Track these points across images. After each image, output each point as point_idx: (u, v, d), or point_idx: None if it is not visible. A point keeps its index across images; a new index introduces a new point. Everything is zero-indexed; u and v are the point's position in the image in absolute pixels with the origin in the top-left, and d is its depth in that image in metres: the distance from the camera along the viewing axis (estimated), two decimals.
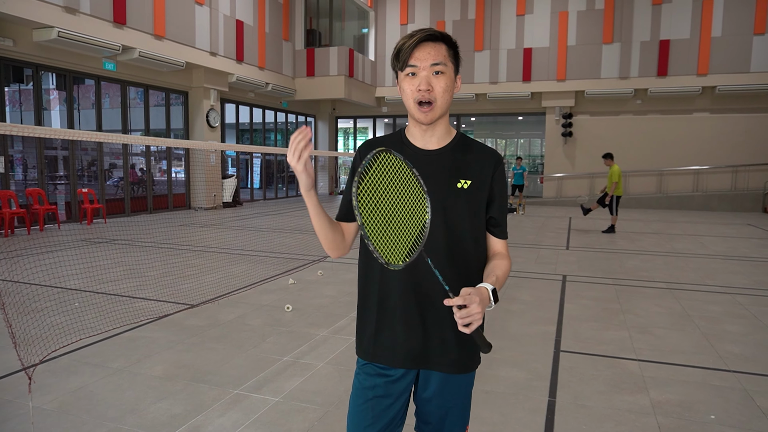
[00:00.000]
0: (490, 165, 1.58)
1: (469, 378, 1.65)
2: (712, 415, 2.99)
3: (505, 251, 1.64)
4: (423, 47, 1.47)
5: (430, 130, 1.57)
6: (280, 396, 3.16)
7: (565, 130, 17.70)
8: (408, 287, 1.54)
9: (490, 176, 1.57)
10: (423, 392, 1.64)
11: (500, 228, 1.63)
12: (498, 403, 3.12)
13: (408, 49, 1.47)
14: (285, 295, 5.52)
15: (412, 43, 1.46)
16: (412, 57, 1.47)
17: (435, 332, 1.55)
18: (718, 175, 16.63)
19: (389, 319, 1.57)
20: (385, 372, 1.59)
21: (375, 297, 1.59)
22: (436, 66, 1.47)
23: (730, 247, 9.10)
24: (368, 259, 1.61)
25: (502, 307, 5.12)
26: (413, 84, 1.48)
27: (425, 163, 1.55)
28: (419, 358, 1.56)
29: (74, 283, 5.79)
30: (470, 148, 1.60)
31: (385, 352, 1.57)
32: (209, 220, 12.33)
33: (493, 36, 18.11)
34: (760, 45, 15.65)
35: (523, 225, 12.10)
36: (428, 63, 1.46)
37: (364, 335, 1.63)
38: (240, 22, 15.12)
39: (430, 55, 1.46)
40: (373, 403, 1.58)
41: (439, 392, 1.61)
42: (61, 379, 3.36)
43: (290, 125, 20.09)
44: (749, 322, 4.78)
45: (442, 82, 1.48)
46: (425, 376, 1.62)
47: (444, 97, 1.49)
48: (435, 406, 1.63)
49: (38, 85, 10.77)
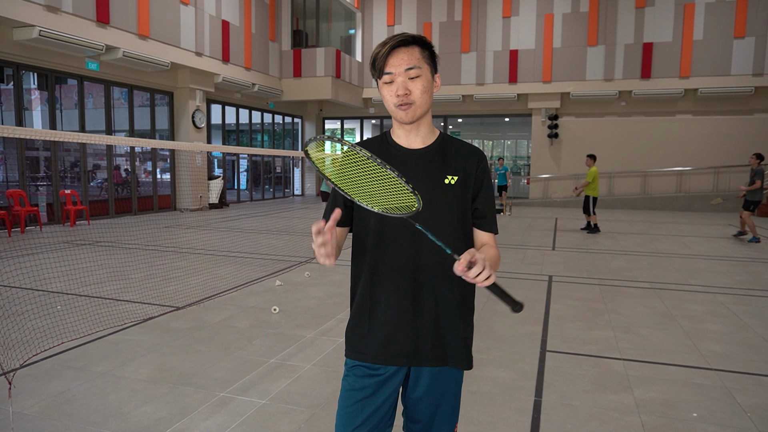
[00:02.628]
0: (473, 161, 1.61)
1: (459, 376, 1.67)
2: (694, 413, 3.04)
3: (494, 243, 1.64)
4: (396, 54, 1.50)
5: (414, 130, 1.59)
6: (266, 398, 3.14)
7: (551, 131, 17.86)
8: (400, 284, 1.56)
9: (474, 171, 1.60)
10: (413, 391, 1.65)
11: (486, 220, 1.63)
12: (485, 403, 3.13)
13: (382, 57, 1.51)
14: (272, 296, 5.49)
15: (385, 51, 1.50)
16: (387, 64, 1.51)
17: (427, 328, 1.57)
18: (700, 176, 16.89)
19: (381, 317, 1.58)
20: (376, 372, 1.59)
21: (368, 296, 1.60)
22: (411, 71, 1.50)
23: (712, 247, 9.24)
24: (360, 259, 1.63)
25: (489, 308, 5.14)
26: (391, 90, 1.52)
27: (412, 161, 1.58)
28: (411, 354, 1.57)
29: (56, 285, 5.70)
30: (454, 146, 1.63)
31: (377, 350, 1.58)
32: (195, 222, 12.22)
33: (479, 38, 18.21)
34: (740, 48, 15.94)
35: (510, 226, 12.18)
36: (402, 69, 1.50)
37: (355, 335, 1.63)
38: (226, 22, 15.02)
39: (404, 61, 1.50)
40: (363, 404, 1.58)
41: (430, 390, 1.62)
42: (43, 384, 3.30)
43: (277, 126, 20.01)
44: (731, 321, 4.86)
45: (419, 85, 1.51)
46: (415, 375, 1.63)
47: (423, 97, 1.52)
48: (425, 405, 1.64)
49: (19, 84, 10.59)
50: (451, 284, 1.57)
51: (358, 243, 1.64)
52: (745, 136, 16.37)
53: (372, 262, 1.59)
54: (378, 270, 1.58)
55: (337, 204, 1.61)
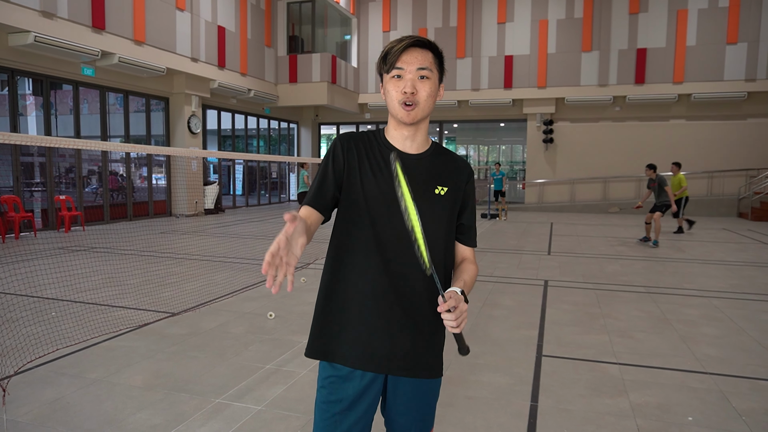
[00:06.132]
0: (463, 174, 1.62)
1: (437, 386, 1.63)
2: (689, 416, 3.04)
3: (473, 257, 1.67)
4: (411, 51, 1.49)
5: (411, 135, 1.57)
6: (262, 404, 3.13)
7: (546, 136, 17.93)
8: (382, 289, 1.51)
9: (464, 184, 1.61)
10: (392, 403, 1.60)
11: (469, 235, 1.65)
12: (481, 408, 3.13)
13: (396, 52, 1.49)
14: (268, 302, 5.48)
15: (401, 47, 1.49)
16: (400, 60, 1.49)
17: (406, 335, 1.53)
18: (694, 180, 16.97)
19: (357, 320, 1.52)
20: (350, 381, 1.53)
21: (343, 295, 1.54)
22: (422, 71, 1.49)
23: (706, 252, 9.29)
24: (339, 256, 1.56)
25: (485, 313, 5.15)
26: (398, 86, 1.50)
27: (406, 166, 1.53)
28: (388, 361, 1.52)
29: (51, 292, 5.67)
30: (446, 156, 1.63)
31: (352, 352, 1.51)
32: (191, 227, 12.19)
33: (474, 43, 18.30)
34: (732, 54, 16.08)
35: (506, 231, 12.20)
36: (414, 67, 1.49)
37: (324, 334, 1.55)
38: (222, 28, 15.04)
39: (417, 60, 1.49)
40: (340, 417, 1.53)
41: (409, 401, 1.59)
42: (37, 391, 3.28)
43: (273, 131, 20.01)
44: (725, 325, 4.88)
45: (426, 87, 1.50)
46: (393, 385, 1.59)
47: (427, 101, 1.51)
48: (403, 417, 1.60)
49: (14, 90, 10.57)
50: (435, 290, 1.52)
51: (342, 240, 1.56)
52: (739, 141, 16.50)
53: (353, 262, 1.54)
54: (359, 270, 1.52)
55: (324, 191, 1.53)
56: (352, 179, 1.55)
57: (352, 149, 1.57)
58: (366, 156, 1.56)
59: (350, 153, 1.56)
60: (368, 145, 1.58)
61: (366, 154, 1.57)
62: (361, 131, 1.66)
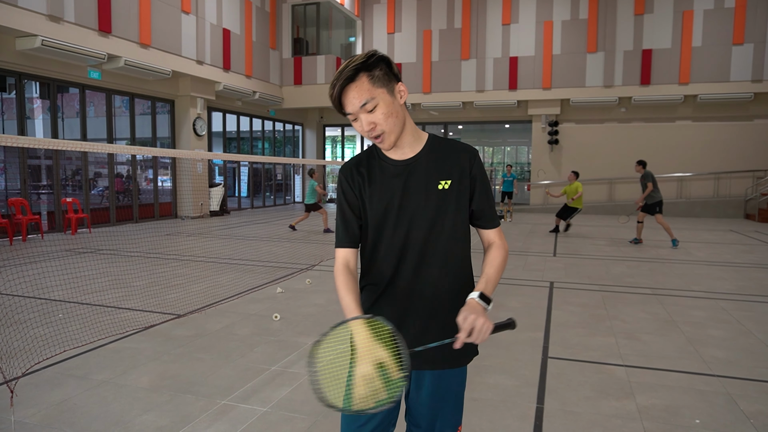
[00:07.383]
0: (466, 159, 1.62)
1: (461, 376, 1.67)
2: (697, 419, 3.03)
3: (499, 240, 1.66)
4: (346, 93, 1.50)
5: (400, 145, 1.62)
6: (268, 406, 3.14)
7: (552, 137, 17.89)
8: (403, 292, 1.61)
9: (469, 170, 1.61)
10: (415, 394, 1.65)
11: (487, 218, 1.65)
12: (486, 410, 3.12)
13: (336, 101, 1.52)
14: (273, 304, 5.49)
15: (336, 94, 1.51)
16: (343, 105, 1.52)
17: (428, 330, 1.60)
18: (700, 182, 16.89)
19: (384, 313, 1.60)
20: None
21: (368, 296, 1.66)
22: (365, 105, 1.49)
23: (713, 253, 9.23)
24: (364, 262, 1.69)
25: (491, 314, 5.12)
26: (359, 127, 1.55)
27: (405, 173, 1.60)
28: None
29: (58, 294, 5.71)
30: (444, 147, 1.64)
31: None
32: (196, 229, 12.23)
33: (479, 45, 18.28)
34: (738, 55, 15.98)
35: (511, 232, 12.18)
36: (357, 107, 1.50)
37: None
38: (227, 30, 15.10)
39: (355, 98, 1.49)
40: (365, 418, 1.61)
41: (432, 392, 1.63)
42: (44, 392, 3.30)
43: (278, 133, 20.06)
44: (732, 327, 4.85)
45: (378, 113, 1.51)
46: (417, 377, 1.64)
47: (388, 122, 1.52)
48: (427, 408, 1.64)
49: (21, 93, 10.65)
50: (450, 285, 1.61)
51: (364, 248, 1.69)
52: (745, 142, 16.39)
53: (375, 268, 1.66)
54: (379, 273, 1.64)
55: (348, 226, 1.65)
56: (366, 203, 1.63)
57: (355, 177, 1.64)
58: (368, 176, 1.63)
59: (355, 182, 1.64)
60: (368, 165, 1.65)
61: (368, 173, 1.64)
62: (358, 154, 1.73)
